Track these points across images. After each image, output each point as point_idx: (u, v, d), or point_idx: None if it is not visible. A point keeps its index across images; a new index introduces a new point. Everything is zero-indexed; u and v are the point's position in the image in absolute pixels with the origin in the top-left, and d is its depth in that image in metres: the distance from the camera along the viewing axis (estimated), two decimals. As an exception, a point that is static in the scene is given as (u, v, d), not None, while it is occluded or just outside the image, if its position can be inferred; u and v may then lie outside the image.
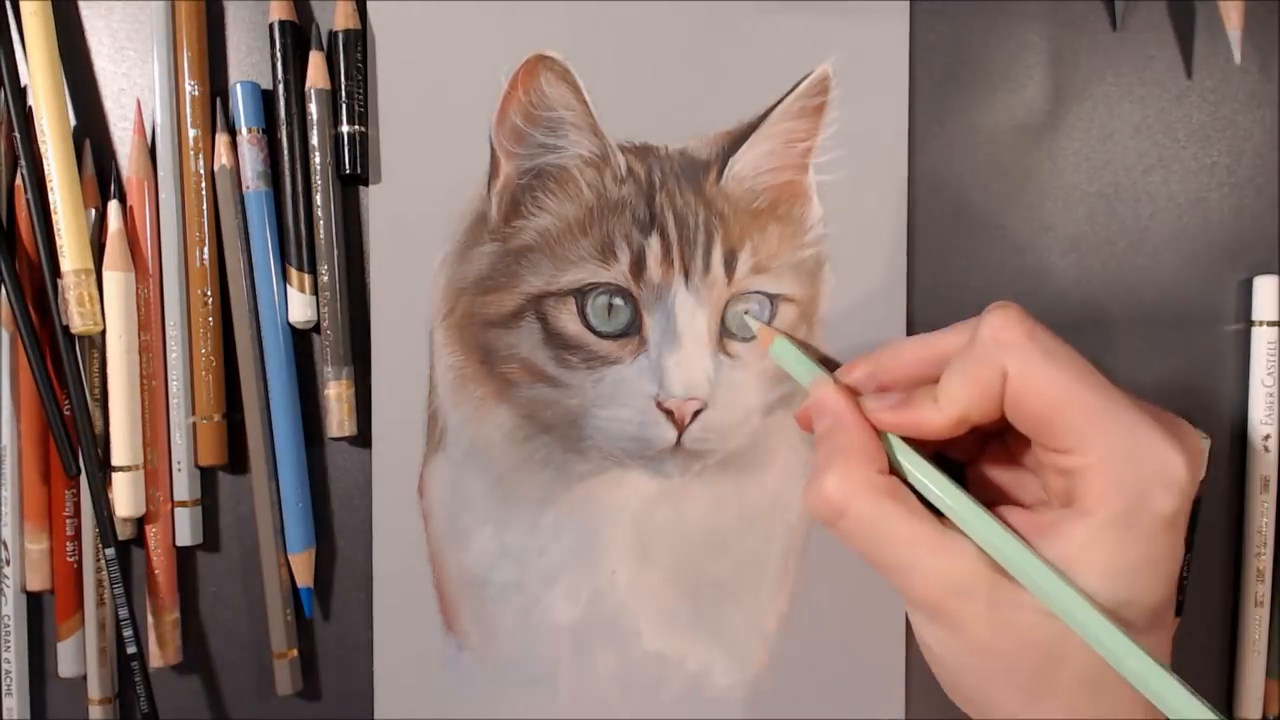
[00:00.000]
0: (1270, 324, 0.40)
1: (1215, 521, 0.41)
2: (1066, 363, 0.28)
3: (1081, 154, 0.41)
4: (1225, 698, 0.42)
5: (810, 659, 0.41)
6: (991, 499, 0.32)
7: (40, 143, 0.38)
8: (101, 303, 0.38)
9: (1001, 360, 0.28)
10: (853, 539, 0.30)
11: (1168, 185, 0.42)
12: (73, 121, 0.40)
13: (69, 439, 0.38)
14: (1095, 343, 0.41)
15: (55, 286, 0.38)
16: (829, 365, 0.37)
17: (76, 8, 0.40)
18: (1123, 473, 0.27)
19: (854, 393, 0.33)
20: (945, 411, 0.29)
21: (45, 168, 0.37)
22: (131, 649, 0.39)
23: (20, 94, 0.38)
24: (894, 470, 0.31)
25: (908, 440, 0.31)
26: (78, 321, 0.37)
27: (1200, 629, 0.41)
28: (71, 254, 0.37)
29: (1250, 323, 0.41)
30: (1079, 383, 0.28)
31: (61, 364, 0.38)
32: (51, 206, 0.37)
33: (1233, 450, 0.42)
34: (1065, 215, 0.41)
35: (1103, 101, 0.41)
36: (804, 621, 0.41)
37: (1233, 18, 0.40)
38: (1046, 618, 0.27)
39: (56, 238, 0.38)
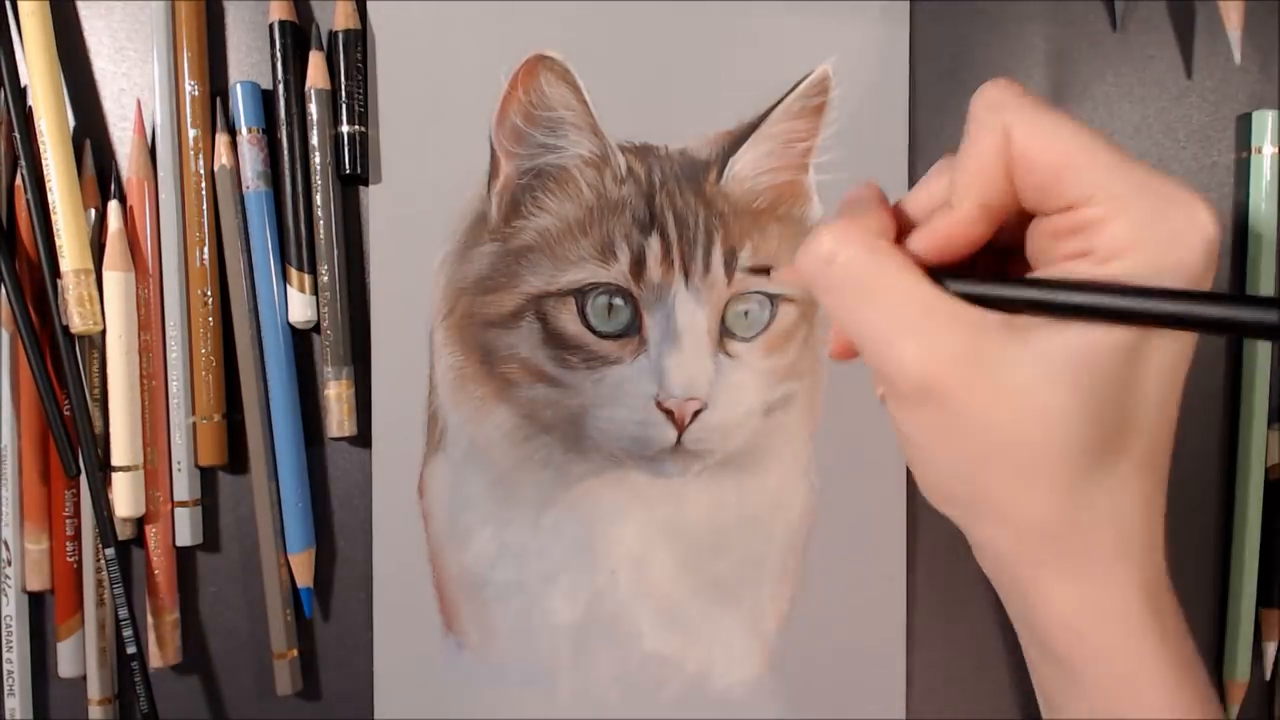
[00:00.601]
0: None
1: (1208, 505, 0.42)
2: (1068, 118, 0.25)
3: (1081, 154, 0.41)
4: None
5: (810, 659, 0.41)
6: None
7: (40, 143, 0.37)
8: (101, 303, 0.38)
9: (1001, 121, 0.25)
10: (838, 294, 0.27)
11: (1168, 185, 0.42)
12: (72, 122, 0.40)
13: (69, 439, 0.38)
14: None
15: (55, 286, 0.38)
16: None
17: (76, 8, 0.40)
18: (1146, 221, 0.24)
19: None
20: (962, 204, 0.26)
21: (45, 168, 0.37)
22: (131, 649, 0.39)
23: (20, 94, 0.38)
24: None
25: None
26: (78, 321, 0.37)
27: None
28: (71, 254, 0.37)
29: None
30: (1087, 133, 0.25)
31: (61, 364, 0.38)
32: (51, 206, 0.37)
33: (1233, 448, 0.42)
34: (1065, 215, 0.41)
35: (1103, 101, 0.41)
36: (804, 621, 0.41)
37: (1233, 18, 0.40)
38: (1048, 377, 0.24)
39: (56, 238, 0.38)
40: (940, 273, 0.27)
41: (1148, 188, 0.24)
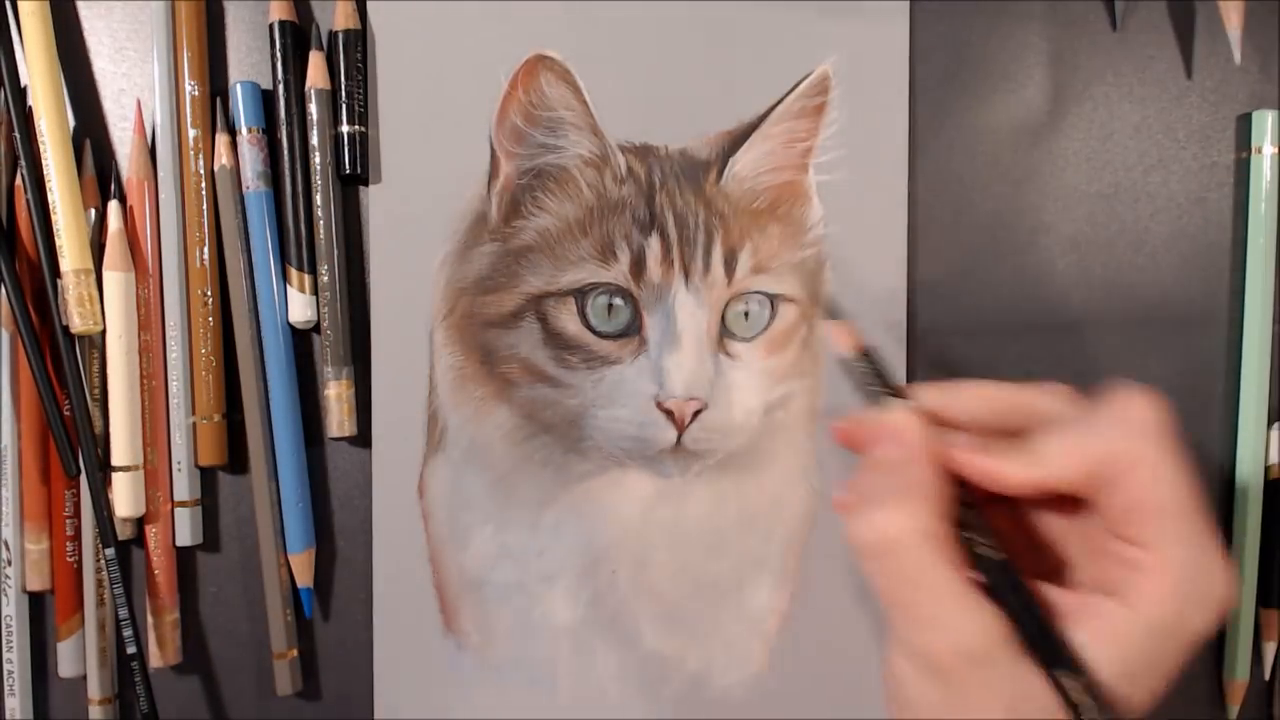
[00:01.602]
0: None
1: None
2: (1184, 468, 0.28)
3: (1081, 154, 0.41)
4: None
5: (810, 659, 0.41)
6: (1014, 548, 0.31)
7: (40, 143, 0.37)
8: (101, 303, 0.38)
9: (1138, 442, 0.28)
10: (889, 578, 0.29)
11: (1168, 185, 0.42)
12: (72, 122, 0.40)
13: (69, 439, 0.38)
14: (1095, 343, 0.41)
15: (55, 286, 0.38)
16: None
17: (76, 8, 0.40)
18: (1187, 584, 0.27)
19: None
20: (1035, 471, 0.28)
21: (45, 168, 0.37)
22: (131, 649, 0.39)
23: (20, 94, 0.38)
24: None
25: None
26: (77, 321, 0.37)
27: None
28: (71, 254, 0.37)
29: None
30: (1189, 492, 0.28)
31: (61, 364, 0.38)
32: (51, 206, 0.37)
33: (1233, 448, 0.42)
34: (1065, 215, 0.41)
35: (1103, 101, 0.41)
36: (804, 621, 0.41)
37: (1233, 18, 0.40)
38: (1044, 699, 0.27)
39: (56, 238, 0.38)
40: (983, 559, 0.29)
41: (1200, 552, 0.27)
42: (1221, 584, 0.27)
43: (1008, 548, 0.30)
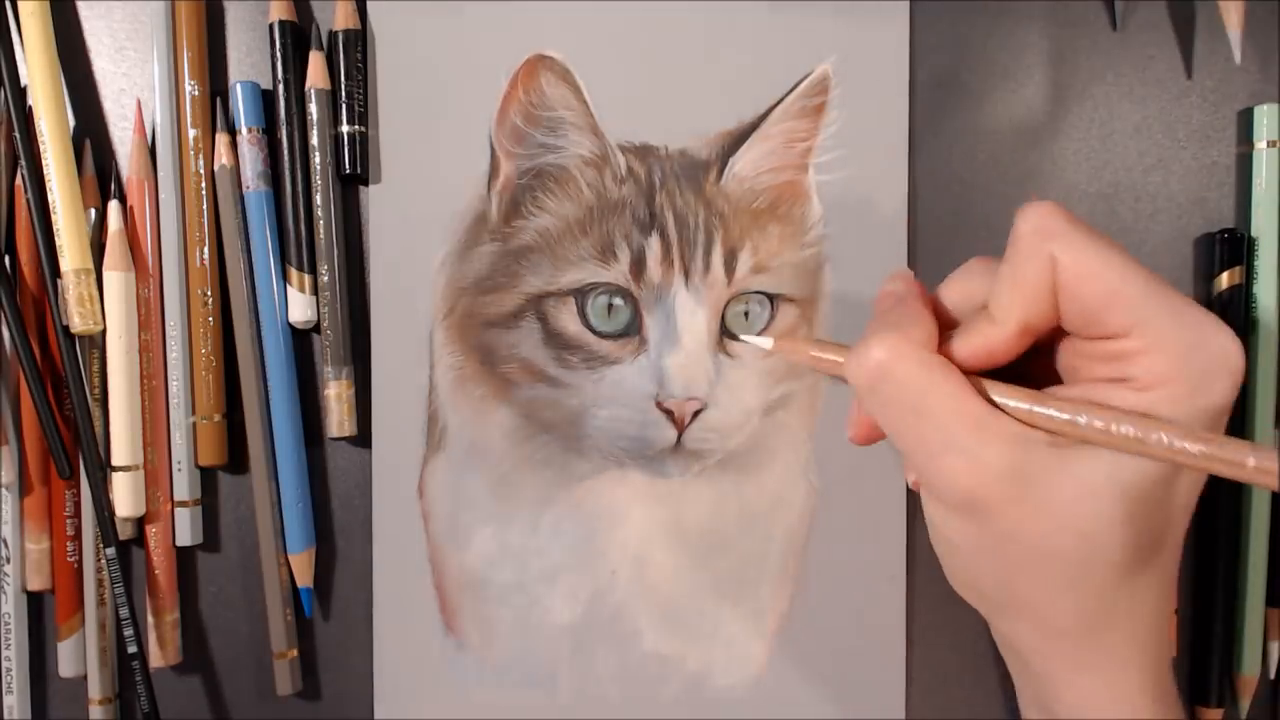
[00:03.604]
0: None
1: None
2: (1114, 247, 0.27)
3: (1081, 154, 0.41)
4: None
5: (810, 659, 0.41)
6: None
7: (40, 143, 0.37)
8: (101, 302, 0.38)
9: (1049, 249, 0.27)
10: (890, 407, 0.28)
11: (1168, 185, 0.42)
12: (73, 121, 0.40)
13: (61, 440, 0.38)
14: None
15: (55, 286, 0.38)
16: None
17: (76, 8, 0.40)
18: (1183, 355, 0.26)
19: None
20: (1006, 323, 0.28)
21: (45, 168, 0.37)
22: (132, 649, 0.39)
23: (20, 94, 0.38)
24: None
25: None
26: (78, 321, 0.37)
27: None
28: (71, 254, 0.37)
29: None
30: (1131, 265, 0.26)
31: (62, 364, 0.38)
32: (51, 206, 0.37)
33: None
34: (1065, 215, 0.41)
35: (1103, 101, 0.41)
36: (804, 621, 0.41)
37: (1233, 18, 0.40)
38: (1090, 497, 0.26)
39: (56, 238, 0.38)
40: (987, 382, 0.28)
41: (1185, 321, 0.26)
42: (1230, 341, 0.26)
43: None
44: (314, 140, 0.39)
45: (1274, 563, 0.41)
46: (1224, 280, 0.40)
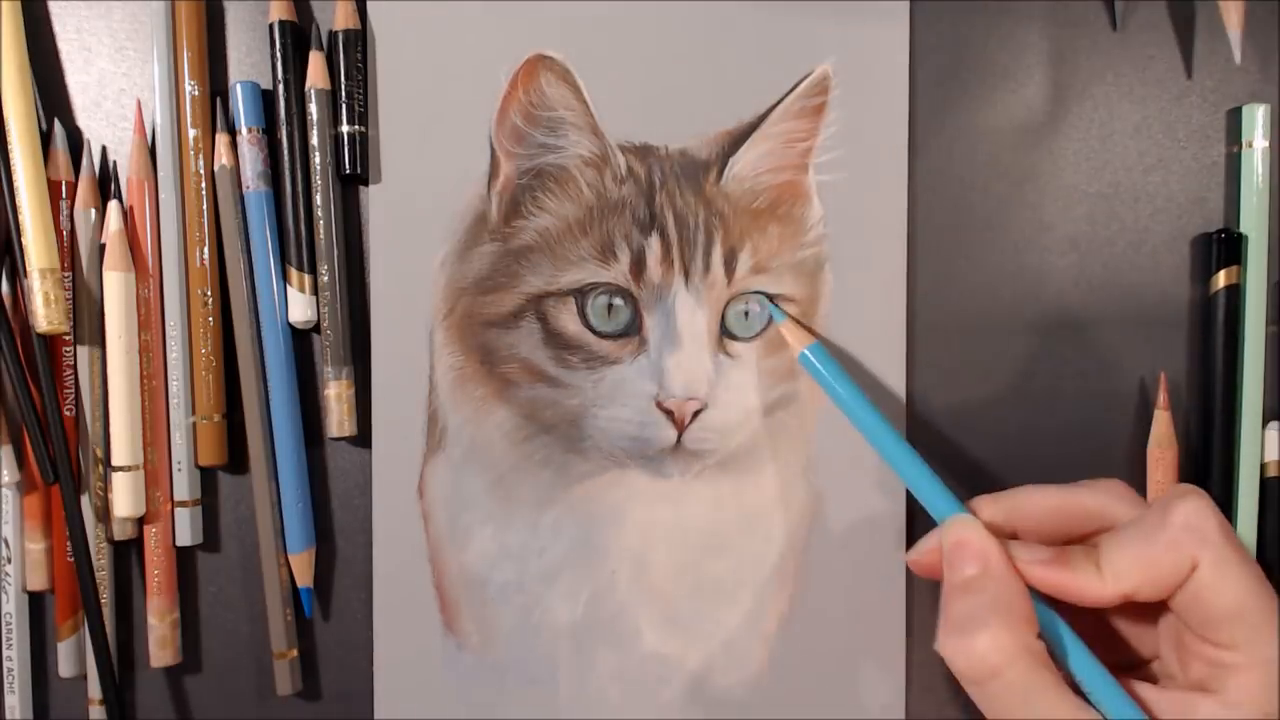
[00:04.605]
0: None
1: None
2: (1251, 564, 0.28)
3: (1081, 154, 0.41)
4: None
5: (810, 659, 0.41)
6: (1103, 648, 0.31)
7: (9, 141, 0.37)
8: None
9: (1193, 551, 0.28)
10: (997, 702, 0.29)
11: (1168, 185, 0.42)
12: (73, 122, 0.40)
13: (46, 445, 0.38)
14: (1095, 342, 0.41)
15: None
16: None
17: (76, 8, 0.40)
18: (1275, 684, 0.27)
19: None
20: (1111, 586, 0.29)
21: (13, 167, 0.37)
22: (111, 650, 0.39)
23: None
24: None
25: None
26: (42, 322, 0.37)
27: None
28: (36, 253, 0.37)
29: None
30: (1263, 588, 0.28)
31: (61, 365, 0.38)
32: (18, 206, 0.37)
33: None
34: (1065, 215, 0.41)
35: (1103, 101, 0.41)
36: (804, 621, 0.41)
37: (1233, 18, 0.40)
38: None
39: (23, 236, 0.37)
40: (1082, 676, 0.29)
41: None
42: None
43: (1090, 646, 0.30)
44: (314, 140, 0.39)
45: (1260, 562, 0.41)
46: (1220, 279, 0.40)
